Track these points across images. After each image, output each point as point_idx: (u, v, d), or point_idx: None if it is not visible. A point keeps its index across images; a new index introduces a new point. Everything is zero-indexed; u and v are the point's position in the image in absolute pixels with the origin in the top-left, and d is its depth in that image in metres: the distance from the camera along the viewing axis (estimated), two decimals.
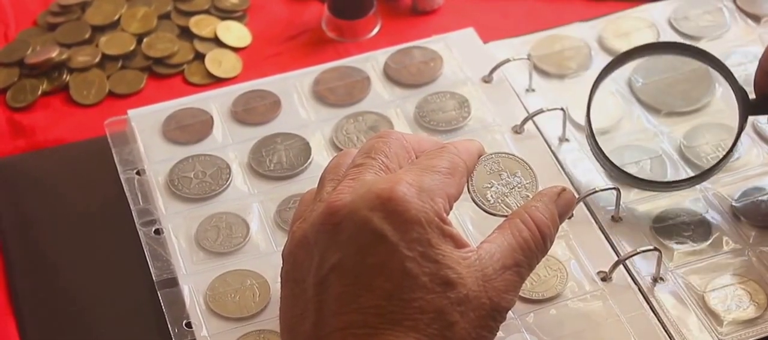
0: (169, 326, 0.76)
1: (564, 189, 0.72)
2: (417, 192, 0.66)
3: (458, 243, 0.66)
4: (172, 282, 0.78)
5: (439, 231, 0.66)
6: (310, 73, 0.92)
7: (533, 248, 0.68)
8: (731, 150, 0.80)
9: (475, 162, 0.72)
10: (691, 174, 0.82)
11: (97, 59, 0.96)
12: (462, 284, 0.65)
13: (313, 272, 0.66)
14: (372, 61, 0.93)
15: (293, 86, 0.91)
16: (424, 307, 0.64)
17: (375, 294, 0.64)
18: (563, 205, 0.71)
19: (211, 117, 0.89)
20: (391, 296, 0.64)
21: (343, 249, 0.65)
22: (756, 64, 0.89)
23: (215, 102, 0.90)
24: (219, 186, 0.84)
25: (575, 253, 0.78)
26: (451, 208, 0.68)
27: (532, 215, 0.69)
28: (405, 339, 0.63)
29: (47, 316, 0.78)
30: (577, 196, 0.79)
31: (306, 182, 0.84)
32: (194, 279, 0.78)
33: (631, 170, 0.82)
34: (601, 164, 0.82)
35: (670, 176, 0.83)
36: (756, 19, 0.96)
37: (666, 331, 0.74)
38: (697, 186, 0.82)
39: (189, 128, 0.88)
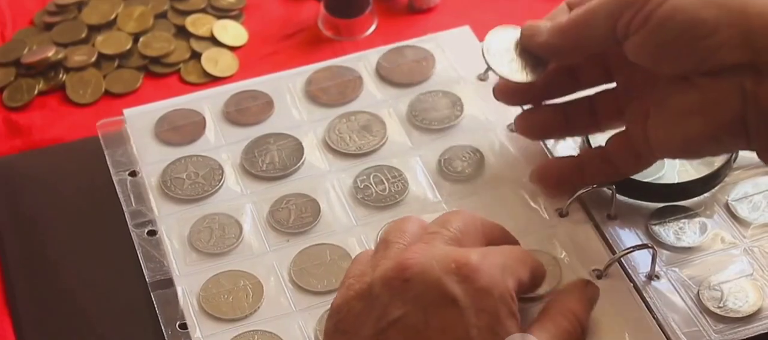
0: (162, 327, 0.76)
1: (588, 283, 0.75)
2: (492, 265, 0.67)
3: (519, 327, 0.67)
4: (166, 283, 0.78)
5: (508, 309, 0.66)
6: (303, 72, 0.92)
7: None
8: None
9: (543, 274, 0.74)
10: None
11: (94, 59, 0.96)
12: None
13: (371, 323, 0.65)
14: (364, 61, 0.93)
15: (285, 86, 0.91)
16: None
17: None
18: (591, 298, 0.74)
19: (204, 118, 0.89)
20: None
21: (409, 305, 0.65)
22: None
23: (208, 103, 0.90)
24: (212, 187, 0.84)
25: (570, 250, 0.78)
26: (517, 295, 0.68)
27: (572, 307, 0.72)
28: None
29: (43, 315, 0.78)
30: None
31: (299, 182, 0.84)
32: (187, 280, 0.78)
33: None
34: None
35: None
36: None
37: (661, 328, 0.74)
38: None
39: (181, 129, 0.88)
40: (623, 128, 0.78)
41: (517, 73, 0.79)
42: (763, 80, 0.68)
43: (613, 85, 0.80)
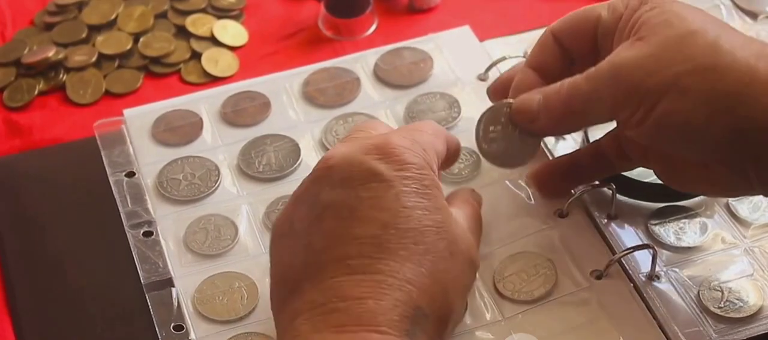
0: (156, 328, 0.76)
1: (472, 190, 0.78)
2: (411, 143, 0.70)
3: (442, 197, 0.70)
4: (161, 284, 0.78)
5: (431, 180, 0.69)
6: (300, 73, 0.92)
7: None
8: None
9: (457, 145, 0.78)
10: None
11: (94, 59, 0.96)
12: (451, 226, 0.68)
13: (305, 215, 0.68)
14: (362, 62, 0.93)
15: (283, 87, 0.91)
16: (418, 239, 0.66)
17: (371, 225, 0.66)
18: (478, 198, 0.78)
19: (201, 119, 0.89)
20: (386, 226, 0.66)
21: (338, 188, 0.67)
22: None
23: (205, 103, 0.90)
24: (208, 188, 0.84)
25: (570, 251, 0.78)
26: (438, 167, 0.72)
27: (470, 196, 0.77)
28: (401, 269, 0.65)
29: (43, 314, 0.78)
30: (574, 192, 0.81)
31: (295, 184, 0.81)
32: (182, 282, 0.78)
33: None
34: None
35: None
36: (753, 15, 0.95)
37: (661, 328, 0.74)
38: None
39: (178, 130, 0.88)
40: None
41: (515, 158, 0.79)
42: (762, 165, 0.70)
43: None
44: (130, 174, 0.85)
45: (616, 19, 0.73)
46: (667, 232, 0.79)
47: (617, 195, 0.80)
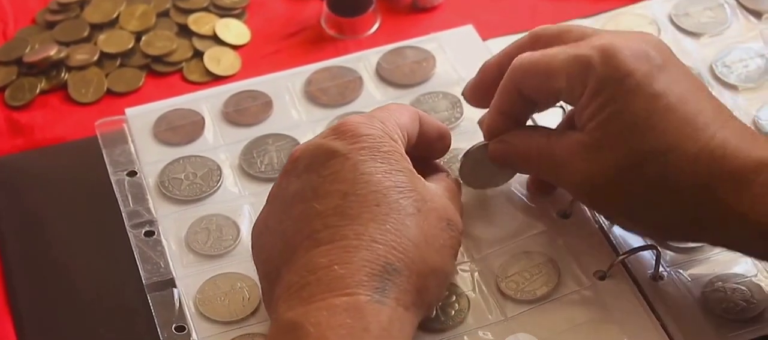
0: (158, 329, 0.75)
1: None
2: (367, 118, 0.72)
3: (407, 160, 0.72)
4: (162, 285, 0.78)
5: (390, 145, 0.71)
6: (303, 73, 0.92)
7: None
8: None
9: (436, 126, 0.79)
10: None
11: (96, 57, 0.96)
12: (417, 185, 0.70)
13: (277, 209, 0.70)
14: (364, 61, 0.92)
15: (285, 87, 0.91)
16: (379, 200, 0.68)
17: (332, 197, 0.68)
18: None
19: (203, 118, 0.89)
20: (346, 195, 0.68)
21: (303, 175, 0.70)
22: (757, 60, 0.89)
23: (207, 103, 0.90)
24: (210, 188, 0.84)
25: (573, 251, 0.78)
26: (405, 137, 0.73)
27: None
28: (365, 231, 0.66)
29: (44, 314, 0.78)
30: None
31: None
32: (184, 282, 0.78)
33: None
34: None
35: None
36: (757, 15, 0.95)
37: (665, 329, 0.74)
38: None
39: (180, 129, 0.88)
40: None
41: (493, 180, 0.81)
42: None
43: None
44: (132, 173, 0.85)
45: (576, 94, 0.73)
46: None
47: None
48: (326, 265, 0.66)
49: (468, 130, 0.86)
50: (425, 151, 0.77)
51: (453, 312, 0.75)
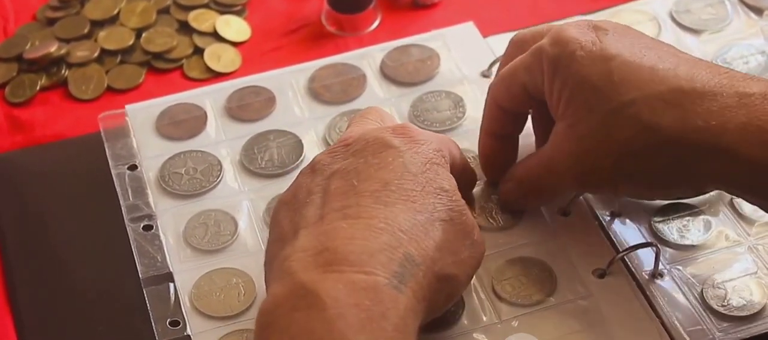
0: (152, 323, 0.75)
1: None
2: (426, 131, 0.73)
3: (451, 178, 0.72)
4: (159, 279, 0.78)
5: (441, 159, 0.71)
6: (307, 69, 0.92)
7: None
8: None
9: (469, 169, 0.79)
10: None
11: (96, 54, 0.96)
12: (456, 196, 0.70)
13: (312, 182, 0.70)
14: (369, 59, 0.92)
15: (289, 83, 0.91)
16: (416, 198, 0.68)
17: (373, 182, 0.68)
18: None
19: (205, 113, 0.89)
20: (387, 184, 0.68)
21: (350, 157, 0.70)
22: (758, 57, 0.89)
23: (210, 98, 0.90)
24: (209, 183, 0.84)
25: (573, 248, 0.78)
26: (450, 167, 0.73)
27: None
28: (395, 218, 0.67)
29: (44, 309, 0.78)
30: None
31: None
32: (180, 277, 0.78)
33: None
34: None
35: None
36: (758, 11, 0.95)
37: (664, 327, 0.73)
38: None
39: (182, 124, 0.88)
40: None
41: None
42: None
43: None
44: (133, 167, 0.85)
45: (539, 84, 0.75)
46: (671, 229, 0.79)
47: None
48: (348, 237, 0.65)
49: (470, 130, 0.86)
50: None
51: (447, 313, 0.74)
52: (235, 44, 0.97)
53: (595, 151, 0.72)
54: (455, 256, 0.69)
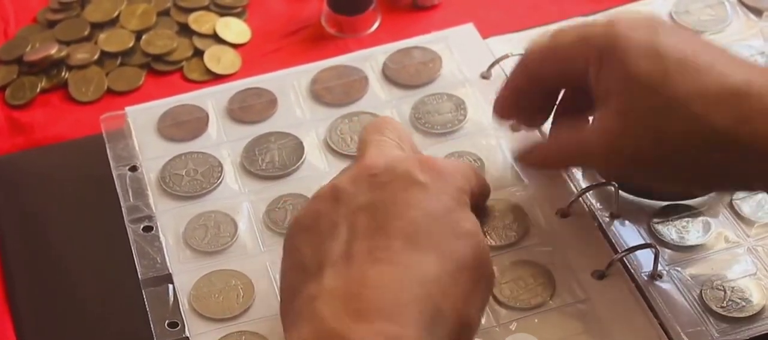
0: (151, 324, 0.75)
1: None
2: (451, 165, 0.72)
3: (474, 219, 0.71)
4: (158, 281, 0.78)
5: (465, 201, 0.70)
6: (308, 71, 0.92)
7: None
8: None
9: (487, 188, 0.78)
10: None
11: (96, 56, 0.96)
12: (481, 238, 0.69)
13: (337, 213, 0.68)
14: (371, 61, 0.92)
15: (290, 85, 0.91)
16: (446, 243, 0.67)
17: (402, 221, 0.67)
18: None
19: (207, 114, 0.89)
20: (418, 225, 0.67)
21: (378, 192, 0.68)
22: (758, 58, 0.89)
23: (212, 99, 0.90)
24: (210, 184, 0.84)
25: (572, 250, 0.78)
26: (470, 200, 0.72)
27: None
28: (426, 266, 0.65)
29: (44, 312, 0.78)
30: (576, 191, 0.81)
31: (297, 182, 0.84)
32: (179, 278, 0.78)
33: None
34: None
35: None
36: (758, 12, 0.95)
37: (663, 328, 0.73)
38: None
39: (184, 125, 0.88)
40: None
41: None
42: None
43: None
44: (133, 168, 0.85)
45: (580, 70, 0.74)
46: (670, 231, 0.79)
47: (620, 193, 0.80)
48: (379, 285, 0.64)
49: (471, 133, 0.86)
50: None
51: None
52: (235, 46, 0.97)
53: (643, 140, 0.71)
54: (478, 302, 0.68)
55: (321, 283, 0.65)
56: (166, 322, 0.76)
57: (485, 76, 0.90)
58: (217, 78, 0.94)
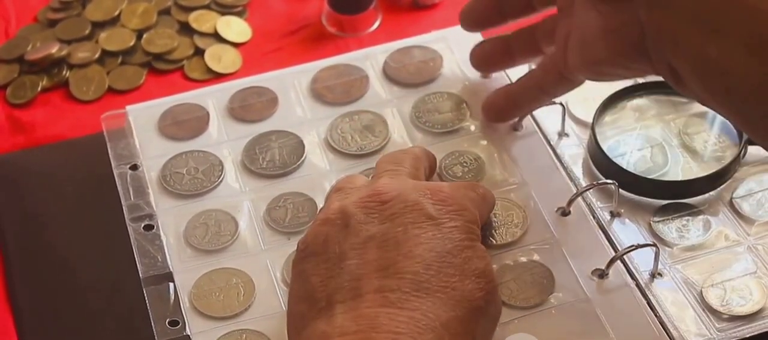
0: (152, 323, 0.76)
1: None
2: (461, 196, 0.72)
3: (484, 249, 0.71)
4: (159, 279, 0.78)
5: (475, 233, 0.70)
6: (309, 70, 0.92)
7: None
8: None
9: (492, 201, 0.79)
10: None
11: (97, 55, 0.96)
12: (492, 277, 0.69)
13: (346, 240, 0.68)
14: (371, 60, 0.92)
15: (291, 84, 0.91)
16: (456, 285, 0.66)
17: (414, 261, 0.66)
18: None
19: (208, 113, 0.89)
20: (429, 266, 0.66)
21: (387, 222, 0.68)
22: None
23: (212, 98, 0.90)
24: (211, 183, 0.84)
25: (572, 249, 0.78)
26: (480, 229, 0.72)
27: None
28: (437, 311, 0.65)
29: (45, 310, 0.78)
30: (576, 190, 0.81)
31: (297, 181, 0.84)
32: (180, 277, 0.78)
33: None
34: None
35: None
36: None
37: (664, 327, 0.73)
38: None
39: (185, 124, 0.88)
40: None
41: None
42: (653, 10, 0.69)
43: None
44: (134, 167, 0.85)
45: None
46: (670, 229, 0.79)
47: (620, 192, 0.80)
48: (393, 330, 0.64)
49: (471, 132, 0.86)
50: None
51: None
52: (235, 45, 0.97)
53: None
54: (487, 335, 0.69)
55: (332, 321, 0.65)
56: (167, 320, 0.76)
57: (485, 76, 0.90)
58: (217, 77, 0.94)
